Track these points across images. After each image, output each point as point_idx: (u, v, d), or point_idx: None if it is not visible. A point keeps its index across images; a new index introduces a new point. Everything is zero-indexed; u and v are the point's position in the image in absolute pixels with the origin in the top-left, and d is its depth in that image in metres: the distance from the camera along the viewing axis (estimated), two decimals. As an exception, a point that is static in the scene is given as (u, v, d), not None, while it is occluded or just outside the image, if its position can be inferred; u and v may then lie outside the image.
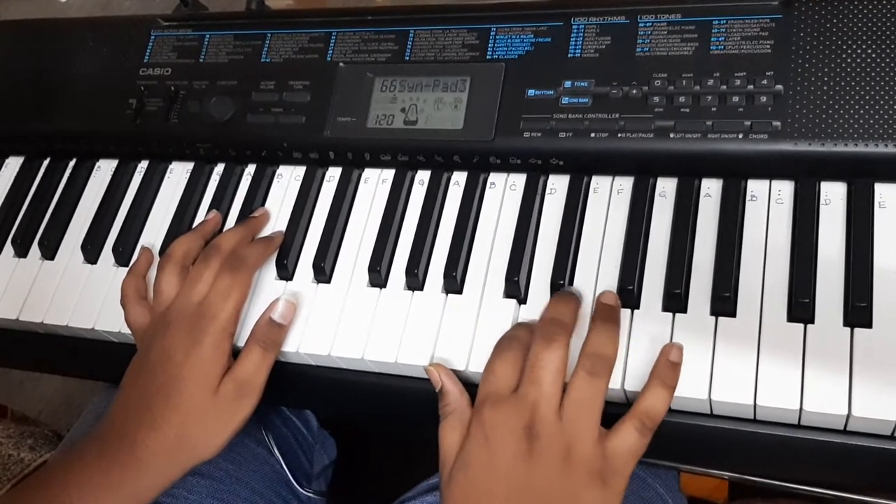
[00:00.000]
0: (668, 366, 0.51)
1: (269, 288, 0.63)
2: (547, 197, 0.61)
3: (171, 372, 0.57)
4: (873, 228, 0.53)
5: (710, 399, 0.51)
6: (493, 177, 0.63)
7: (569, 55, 0.61)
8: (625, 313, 0.55)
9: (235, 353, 0.60)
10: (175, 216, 0.69)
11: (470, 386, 0.55)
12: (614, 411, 0.53)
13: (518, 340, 0.53)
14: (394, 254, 0.62)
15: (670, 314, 0.54)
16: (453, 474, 0.51)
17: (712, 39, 0.59)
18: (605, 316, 0.53)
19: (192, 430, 0.56)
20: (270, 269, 0.64)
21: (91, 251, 0.69)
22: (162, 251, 0.67)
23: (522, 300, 0.58)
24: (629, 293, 0.55)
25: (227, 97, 0.68)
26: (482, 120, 0.62)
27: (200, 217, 0.69)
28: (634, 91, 0.59)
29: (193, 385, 0.56)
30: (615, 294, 0.55)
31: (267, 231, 0.66)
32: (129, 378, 0.59)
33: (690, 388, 0.51)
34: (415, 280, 0.60)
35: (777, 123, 0.55)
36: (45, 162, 0.76)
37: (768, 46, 0.57)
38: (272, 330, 0.59)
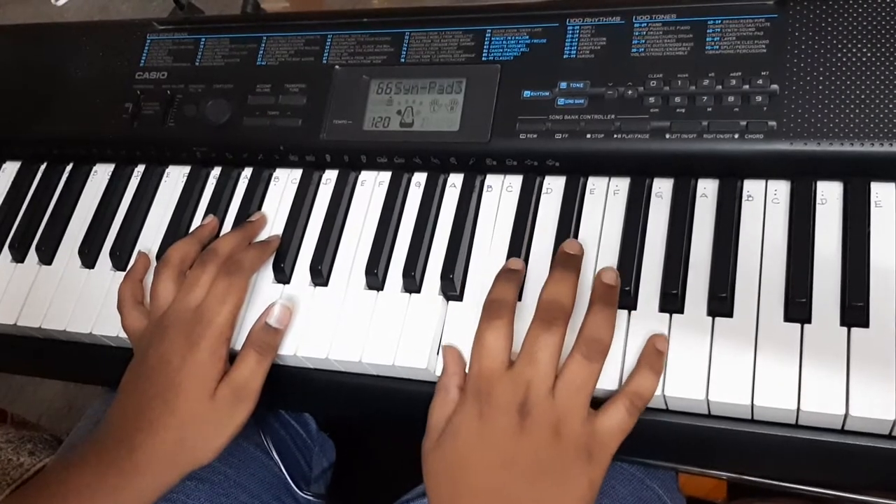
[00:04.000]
0: (655, 353, 0.53)
1: (266, 291, 0.63)
2: (543, 198, 0.61)
3: (169, 377, 0.57)
4: (870, 228, 0.53)
5: (708, 399, 0.51)
6: (490, 178, 0.63)
7: (564, 56, 0.61)
8: (621, 314, 0.55)
9: (233, 357, 0.60)
10: (172, 220, 0.69)
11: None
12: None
13: (505, 307, 0.54)
14: (391, 256, 0.62)
15: (667, 315, 0.54)
16: (442, 441, 0.53)
17: (707, 39, 0.59)
18: (604, 298, 0.54)
19: (190, 435, 0.56)
20: (267, 273, 0.64)
21: (88, 256, 0.69)
22: (159, 255, 0.67)
23: (519, 299, 0.58)
24: (626, 294, 0.55)
25: (224, 100, 0.68)
26: (478, 122, 0.61)
27: (197, 221, 0.69)
28: (630, 92, 0.59)
29: (190, 390, 0.56)
30: (615, 272, 0.55)
31: (264, 235, 0.66)
32: (127, 383, 0.59)
33: (688, 389, 0.51)
34: (412, 282, 0.60)
35: (773, 123, 0.55)
36: (42, 166, 0.76)
37: (763, 46, 0.57)
38: (268, 335, 0.59)
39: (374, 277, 0.61)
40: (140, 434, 0.56)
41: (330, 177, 0.67)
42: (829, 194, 0.55)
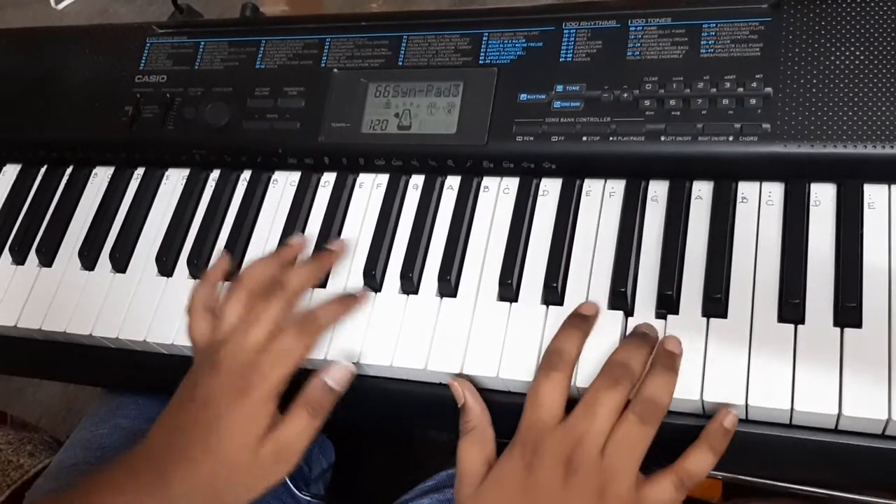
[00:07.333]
0: (721, 431, 0.51)
1: (265, 293, 0.63)
2: (539, 200, 0.62)
3: (212, 421, 0.55)
4: (863, 229, 0.54)
5: (703, 400, 0.51)
6: (487, 180, 0.64)
7: (560, 59, 0.62)
8: (617, 316, 0.55)
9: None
10: (171, 222, 0.69)
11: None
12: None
13: (565, 363, 0.53)
14: (388, 258, 0.63)
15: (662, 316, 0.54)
16: (483, 490, 0.52)
17: (702, 43, 0.59)
18: (665, 362, 0.52)
19: (223, 482, 0.54)
20: (266, 275, 0.64)
21: (88, 258, 0.69)
22: (157, 257, 0.67)
23: (515, 301, 0.58)
24: (621, 295, 0.55)
25: (223, 103, 0.68)
26: (475, 124, 0.62)
27: (197, 222, 0.69)
28: (625, 95, 0.59)
29: (232, 440, 0.54)
30: (679, 340, 0.53)
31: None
32: (176, 401, 0.57)
33: (683, 390, 0.52)
34: (409, 284, 0.60)
35: (767, 125, 0.55)
36: (42, 169, 0.76)
37: (757, 49, 0.58)
38: (324, 395, 0.57)
39: (372, 279, 0.61)
40: (179, 469, 0.54)
41: (328, 179, 0.68)
42: (823, 196, 0.56)
